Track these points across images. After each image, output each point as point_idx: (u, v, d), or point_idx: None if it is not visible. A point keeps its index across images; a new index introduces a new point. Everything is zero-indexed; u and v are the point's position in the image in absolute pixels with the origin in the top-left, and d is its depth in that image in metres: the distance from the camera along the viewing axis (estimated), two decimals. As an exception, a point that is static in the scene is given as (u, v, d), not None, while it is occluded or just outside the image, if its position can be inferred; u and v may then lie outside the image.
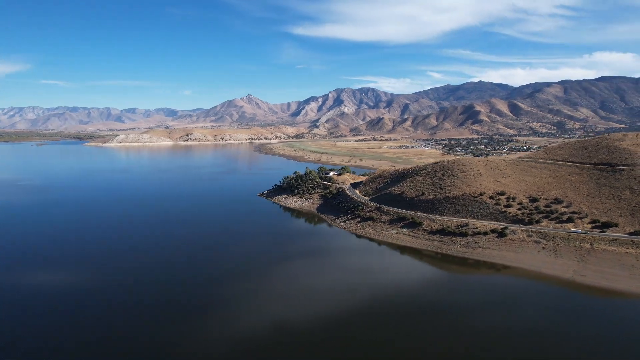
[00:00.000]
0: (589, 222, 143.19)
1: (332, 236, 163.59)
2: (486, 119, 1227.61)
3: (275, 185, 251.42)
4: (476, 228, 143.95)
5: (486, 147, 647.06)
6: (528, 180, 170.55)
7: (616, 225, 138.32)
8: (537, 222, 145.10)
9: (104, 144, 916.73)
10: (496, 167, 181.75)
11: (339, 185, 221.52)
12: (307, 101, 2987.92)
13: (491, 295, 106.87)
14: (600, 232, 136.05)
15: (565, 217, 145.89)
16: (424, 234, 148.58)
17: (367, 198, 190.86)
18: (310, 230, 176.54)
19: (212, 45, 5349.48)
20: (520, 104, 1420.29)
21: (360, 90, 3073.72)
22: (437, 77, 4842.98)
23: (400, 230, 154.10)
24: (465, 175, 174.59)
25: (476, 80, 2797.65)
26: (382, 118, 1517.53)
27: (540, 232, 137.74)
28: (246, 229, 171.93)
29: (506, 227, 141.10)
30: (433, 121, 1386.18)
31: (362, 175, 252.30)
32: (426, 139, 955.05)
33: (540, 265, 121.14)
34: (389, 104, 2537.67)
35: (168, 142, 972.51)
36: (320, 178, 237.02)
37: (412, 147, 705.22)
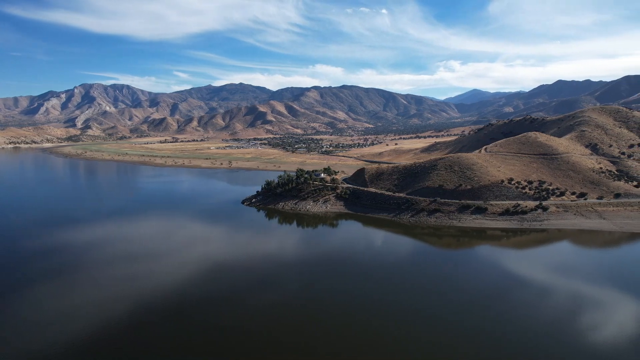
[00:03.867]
0: (571, 194, 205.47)
1: (435, 233, 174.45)
2: (273, 119, 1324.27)
3: (258, 191, 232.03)
4: (526, 207, 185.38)
5: (309, 145, 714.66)
6: (512, 168, 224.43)
7: (586, 194, 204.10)
8: (545, 198, 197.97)
9: None
10: (487, 160, 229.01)
11: (345, 185, 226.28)
12: (44, 97, 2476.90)
13: (596, 243, 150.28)
14: (584, 200, 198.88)
15: (558, 192, 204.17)
16: (495, 216, 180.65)
17: (402, 194, 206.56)
18: (400, 231, 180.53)
19: None
20: (295, 106, 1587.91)
21: (114, 87, 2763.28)
22: (183, 77, 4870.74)
23: (474, 216, 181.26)
24: (477, 168, 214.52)
25: (237, 82, 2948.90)
26: (165, 118, 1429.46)
27: (560, 204, 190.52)
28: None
29: (540, 204, 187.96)
30: (220, 121, 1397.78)
31: (329, 175, 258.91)
32: (235, 139, 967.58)
33: (591, 225, 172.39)
34: (154, 103, 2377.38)
35: None
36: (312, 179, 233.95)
37: (243, 147, 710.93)
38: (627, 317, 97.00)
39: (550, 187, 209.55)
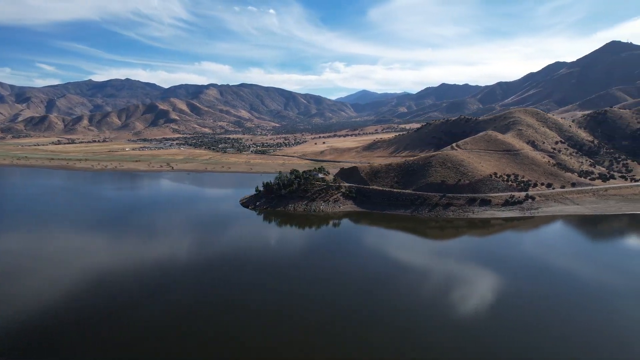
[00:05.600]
0: (541, 185, 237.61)
1: (465, 225, 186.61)
2: (177, 117, 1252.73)
3: (257, 193, 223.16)
4: (518, 197, 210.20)
5: (232, 144, 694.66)
6: (490, 164, 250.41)
7: (552, 184, 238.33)
8: (526, 189, 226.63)
9: None
10: (469, 157, 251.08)
11: (347, 184, 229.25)
12: None
13: (586, 226, 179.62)
14: (553, 189, 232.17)
15: (531, 183, 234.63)
16: (499, 207, 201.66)
17: (409, 190, 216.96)
18: (433, 225, 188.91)
19: None
20: (198, 105, 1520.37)
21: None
22: (49, 70, 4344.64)
23: (483, 208, 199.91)
24: (466, 164, 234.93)
25: (123, 78, 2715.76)
26: (47, 117, 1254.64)
27: (541, 194, 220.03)
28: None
29: (527, 194, 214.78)
30: (116, 120, 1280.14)
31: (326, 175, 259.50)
32: (143, 139, 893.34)
33: (573, 210, 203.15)
34: (22, 98, 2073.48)
35: None
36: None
37: (162, 147, 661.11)
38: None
39: (524, 179, 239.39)
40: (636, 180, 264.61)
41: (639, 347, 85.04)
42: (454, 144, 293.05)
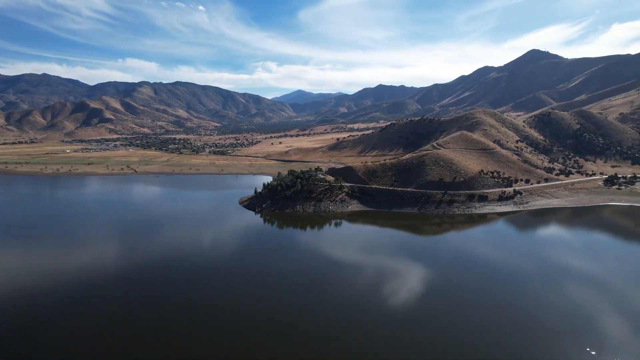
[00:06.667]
0: (521, 181, 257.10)
1: (470, 220, 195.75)
2: (112, 117, 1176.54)
3: (258, 195, 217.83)
4: (509, 193, 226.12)
5: (184, 144, 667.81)
6: (474, 162, 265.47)
7: (529, 180, 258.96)
8: (510, 185, 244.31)
9: None
10: (455, 155, 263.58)
11: (349, 184, 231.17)
12: None
13: (573, 216, 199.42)
14: (531, 185, 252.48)
15: (512, 179, 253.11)
16: (496, 202, 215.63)
17: (410, 188, 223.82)
18: (447, 221, 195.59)
19: None
20: (133, 103, 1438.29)
21: None
22: None
23: (482, 203, 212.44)
24: (456, 162, 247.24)
25: (39, 72, 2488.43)
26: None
27: (525, 189, 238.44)
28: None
29: (515, 190, 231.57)
30: (40, 119, 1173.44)
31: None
32: (79, 140, 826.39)
33: (556, 204, 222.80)
34: None
35: None
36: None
37: (108, 149, 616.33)
38: None
39: (506, 176, 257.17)
40: (589, 175, 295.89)
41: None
42: (434, 143, 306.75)
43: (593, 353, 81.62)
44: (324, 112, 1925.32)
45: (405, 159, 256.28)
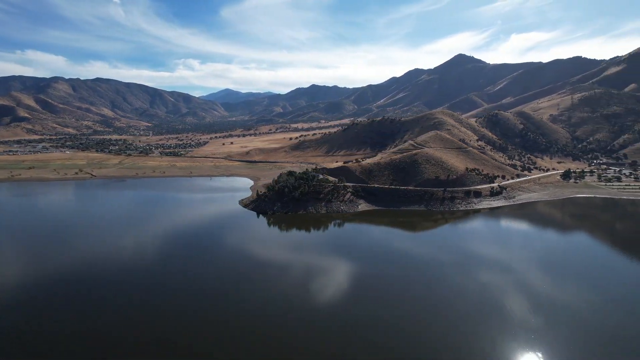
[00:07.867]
0: (498, 177, 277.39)
1: (476, 215, 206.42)
2: (29, 116, 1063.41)
3: (263, 197, 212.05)
4: (496, 188, 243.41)
5: (127, 146, 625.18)
6: (456, 160, 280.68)
7: (505, 176, 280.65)
8: (492, 181, 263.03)
9: None
10: (441, 155, 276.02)
11: (351, 184, 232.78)
12: None
13: (557, 207, 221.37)
14: (508, 181, 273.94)
15: (491, 176, 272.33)
16: (489, 197, 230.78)
17: (410, 187, 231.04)
18: (458, 217, 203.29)
19: None
20: (50, 101, 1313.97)
21: None
22: None
23: (478, 199, 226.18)
24: (445, 161, 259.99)
25: None
26: None
27: (508, 185, 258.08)
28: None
29: (500, 186, 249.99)
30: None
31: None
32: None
33: (538, 197, 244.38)
34: None
35: None
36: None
37: (40, 151, 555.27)
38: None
39: (485, 173, 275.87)
40: (545, 171, 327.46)
41: None
42: (412, 142, 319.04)
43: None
44: (259, 111, 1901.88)
45: (397, 158, 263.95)
